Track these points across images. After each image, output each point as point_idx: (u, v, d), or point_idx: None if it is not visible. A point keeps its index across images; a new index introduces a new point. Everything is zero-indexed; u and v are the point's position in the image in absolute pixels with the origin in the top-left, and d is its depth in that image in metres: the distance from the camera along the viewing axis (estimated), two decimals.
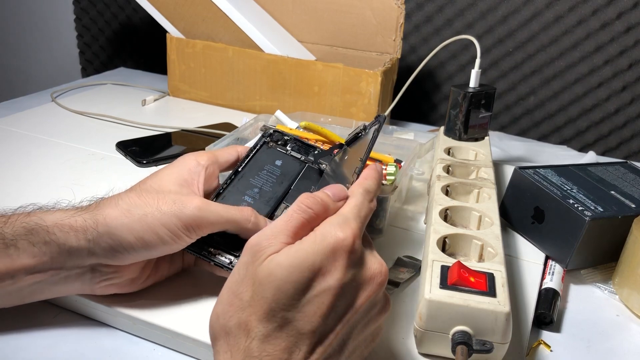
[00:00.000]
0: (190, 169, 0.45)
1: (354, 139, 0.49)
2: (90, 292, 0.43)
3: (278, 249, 0.33)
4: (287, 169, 0.49)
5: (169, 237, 0.40)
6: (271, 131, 0.50)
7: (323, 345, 0.33)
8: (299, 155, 0.50)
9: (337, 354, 0.34)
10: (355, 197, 0.37)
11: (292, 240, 0.34)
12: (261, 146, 0.50)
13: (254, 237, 0.34)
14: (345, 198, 0.38)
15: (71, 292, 0.43)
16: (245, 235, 0.42)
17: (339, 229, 0.34)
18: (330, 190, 0.38)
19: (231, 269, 0.40)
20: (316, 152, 0.50)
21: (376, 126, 0.47)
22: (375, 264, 0.36)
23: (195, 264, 0.49)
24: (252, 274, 0.33)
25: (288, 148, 0.50)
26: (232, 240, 0.43)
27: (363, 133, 0.48)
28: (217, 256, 0.42)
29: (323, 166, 0.48)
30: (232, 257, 0.42)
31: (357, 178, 0.41)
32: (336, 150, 0.49)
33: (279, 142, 0.50)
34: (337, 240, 0.33)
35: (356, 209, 0.36)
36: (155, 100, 0.95)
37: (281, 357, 0.31)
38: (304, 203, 0.35)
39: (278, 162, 0.49)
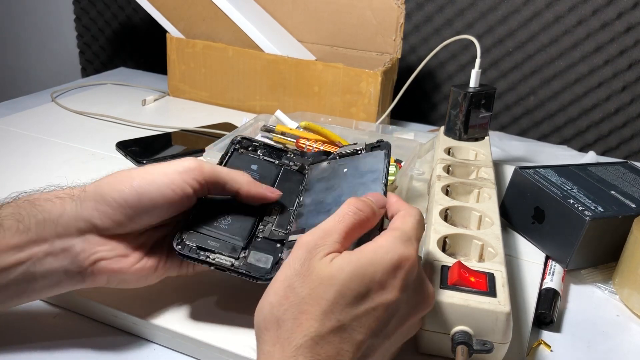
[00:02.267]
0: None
1: (350, 154, 0.48)
2: (80, 280, 0.40)
3: (332, 248, 0.33)
4: (265, 172, 0.48)
5: (167, 186, 0.38)
6: (239, 138, 0.50)
7: (367, 357, 0.33)
8: (272, 160, 0.49)
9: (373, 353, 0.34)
10: (414, 216, 0.38)
11: (344, 241, 0.34)
12: (232, 153, 0.49)
13: (307, 235, 0.34)
14: (384, 206, 0.39)
15: (61, 283, 0.39)
16: (246, 200, 0.42)
17: (402, 245, 0.34)
18: (373, 197, 0.38)
19: (234, 271, 0.40)
20: (289, 154, 0.50)
21: (385, 151, 0.47)
22: (429, 287, 0.37)
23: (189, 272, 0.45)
24: (309, 270, 0.33)
25: (259, 153, 0.49)
26: (227, 246, 0.42)
27: (362, 151, 0.48)
28: (216, 259, 0.41)
29: (308, 165, 0.48)
30: (232, 260, 0.41)
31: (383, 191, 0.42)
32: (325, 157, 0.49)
33: (249, 149, 0.50)
34: (401, 257, 0.34)
35: (415, 231, 0.37)
36: (155, 100, 0.95)
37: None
38: (355, 205, 0.36)
39: (254, 167, 0.48)
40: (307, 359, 0.31)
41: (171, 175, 0.39)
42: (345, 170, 0.47)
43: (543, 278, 0.53)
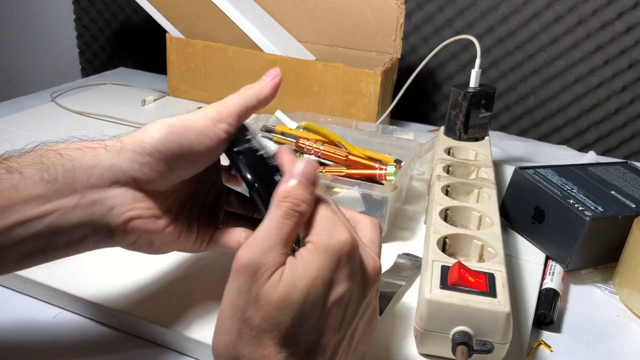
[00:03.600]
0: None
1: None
2: (108, 238, 0.37)
3: (277, 265, 0.30)
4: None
5: (203, 132, 0.37)
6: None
7: (338, 353, 0.32)
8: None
9: (346, 354, 0.33)
10: (323, 201, 0.34)
11: (286, 249, 0.31)
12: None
13: (245, 255, 0.30)
14: (316, 179, 0.34)
15: (85, 240, 0.36)
16: (267, 99, 0.43)
17: (337, 234, 0.32)
18: (303, 176, 0.33)
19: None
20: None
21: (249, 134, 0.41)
22: (370, 260, 0.34)
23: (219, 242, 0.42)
24: (257, 297, 0.29)
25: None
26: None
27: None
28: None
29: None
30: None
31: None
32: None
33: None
34: (341, 246, 0.31)
35: (337, 213, 0.34)
36: (155, 100, 0.94)
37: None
38: (291, 207, 0.32)
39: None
40: None
41: (204, 122, 0.38)
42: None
43: (543, 278, 0.53)
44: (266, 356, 0.29)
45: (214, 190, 0.44)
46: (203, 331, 0.42)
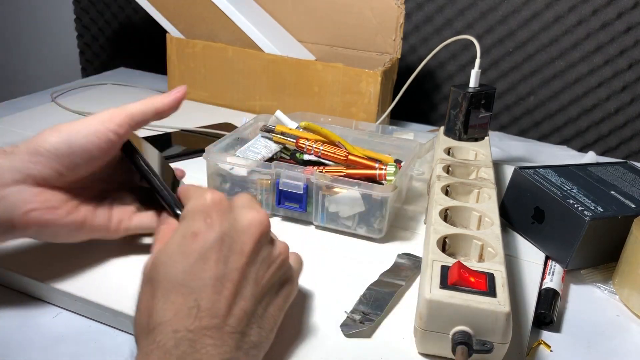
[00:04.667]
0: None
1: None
2: (10, 230, 0.42)
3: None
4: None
5: (93, 134, 0.43)
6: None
7: (230, 299, 0.35)
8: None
9: (252, 306, 0.36)
10: (194, 192, 0.41)
11: (158, 244, 0.40)
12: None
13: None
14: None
15: None
16: (167, 112, 0.50)
17: (201, 196, 0.38)
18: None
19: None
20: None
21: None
22: (250, 213, 0.38)
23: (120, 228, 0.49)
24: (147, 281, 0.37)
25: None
26: None
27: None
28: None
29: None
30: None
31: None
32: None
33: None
34: (207, 201, 0.37)
35: (199, 190, 0.41)
36: None
37: (189, 320, 0.33)
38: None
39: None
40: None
41: (95, 124, 0.44)
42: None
43: (543, 278, 0.53)
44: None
45: (126, 183, 0.50)
46: None
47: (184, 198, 0.43)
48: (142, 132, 0.80)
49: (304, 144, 0.62)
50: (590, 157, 0.85)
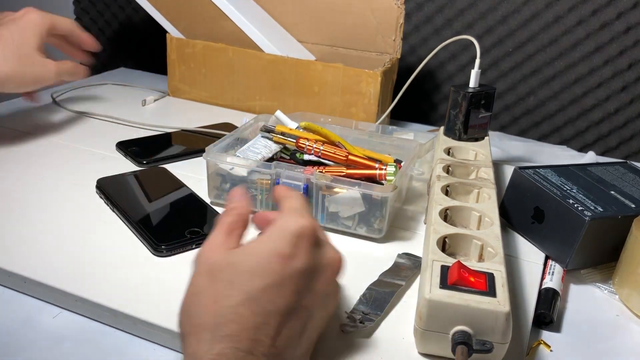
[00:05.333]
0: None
1: None
2: None
3: (222, 247, 0.36)
4: None
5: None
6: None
7: (287, 326, 0.35)
8: None
9: (298, 335, 0.36)
10: (295, 198, 0.40)
11: (227, 237, 0.37)
12: None
13: (199, 251, 0.37)
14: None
15: None
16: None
17: (299, 217, 0.37)
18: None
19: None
20: None
21: None
22: (332, 251, 0.39)
23: None
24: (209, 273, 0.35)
25: None
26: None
27: None
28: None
29: None
30: None
31: None
32: None
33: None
34: (301, 226, 0.36)
35: (301, 204, 0.39)
36: (155, 100, 0.95)
37: (249, 337, 0.33)
38: (227, 209, 0.40)
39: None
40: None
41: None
42: None
43: (543, 278, 0.53)
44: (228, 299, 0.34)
45: None
46: None
47: (280, 200, 0.41)
48: (141, 132, 0.80)
49: (304, 144, 0.62)
50: (590, 157, 0.85)
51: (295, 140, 0.62)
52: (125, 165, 0.70)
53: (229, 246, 0.36)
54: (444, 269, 0.42)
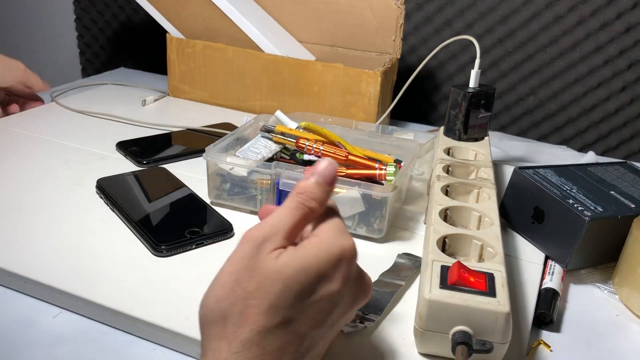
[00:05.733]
0: None
1: None
2: None
3: (279, 244, 0.34)
4: None
5: None
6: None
7: (313, 350, 0.34)
8: None
9: (319, 354, 0.36)
10: (336, 211, 0.38)
11: (290, 236, 0.35)
12: None
13: (254, 229, 0.35)
14: (334, 180, 0.38)
15: None
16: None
17: (343, 238, 0.35)
18: (321, 175, 0.37)
19: None
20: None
21: None
22: (367, 277, 0.38)
23: None
24: (256, 266, 0.33)
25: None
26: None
27: None
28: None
29: None
30: None
31: None
32: None
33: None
34: (343, 249, 0.35)
35: (341, 220, 0.38)
36: (155, 100, 0.95)
37: (274, 356, 0.32)
38: (301, 200, 0.36)
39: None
40: (254, 354, 0.31)
41: None
42: None
43: (543, 278, 0.53)
44: (247, 319, 0.32)
45: None
46: None
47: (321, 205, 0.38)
48: (141, 132, 0.80)
49: (304, 144, 0.62)
50: (590, 157, 0.85)
51: (295, 140, 0.62)
52: (125, 165, 0.70)
53: (285, 240, 0.35)
54: (444, 269, 0.42)
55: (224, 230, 0.55)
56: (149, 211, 0.58)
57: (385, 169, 0.59)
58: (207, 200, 0.61)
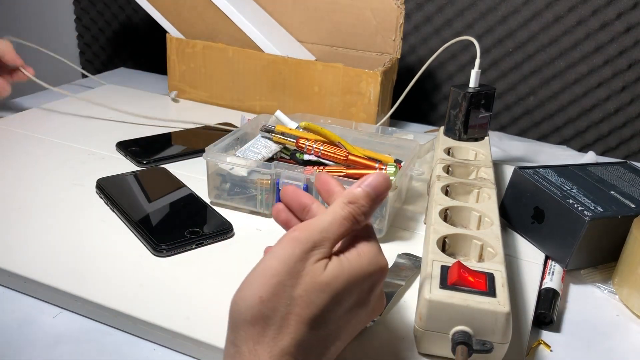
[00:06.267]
0: None
1: None
2: None
3: (327, 254, 0.34)
4: None
5: None
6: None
7: (330, 354, 0.35)
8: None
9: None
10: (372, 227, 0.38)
11: (335, 245, 0.35)
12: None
13: (304, 232, 0.33)
14: (384, 197, 0.37)
15: None
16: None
17: (382, 258, 0.36)
18: (374, 189, 0.36)
19: None
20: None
21: None
22: (383, 297, 0.39)
23: None
24: (303, 273, 0.32)
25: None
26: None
27: None
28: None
29: None
30: None
31: None
32: None
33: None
34: (381, 269, 0.36)
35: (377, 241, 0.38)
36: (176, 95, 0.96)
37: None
38: (354, 213, 0.35)
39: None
40: None
41: None
42: None
43: (543, 278, 0.53)
44: (289, 326, 0.32)
45: None
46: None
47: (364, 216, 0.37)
48: (141, 132, 0.80)
49: (304, 144, 0.62)
50: (590, 157, 0.85)
51: (295, 140, 0.62)
52: (125, 165, 0.70)
53: (331, 250, 0.34)
54: (444, 269, 0.42)
55: (224, 230, 0.55)
56: (148, 211, 0.58)
57: (385, 169, 0.59)
58: (207, 200, 0.61)
